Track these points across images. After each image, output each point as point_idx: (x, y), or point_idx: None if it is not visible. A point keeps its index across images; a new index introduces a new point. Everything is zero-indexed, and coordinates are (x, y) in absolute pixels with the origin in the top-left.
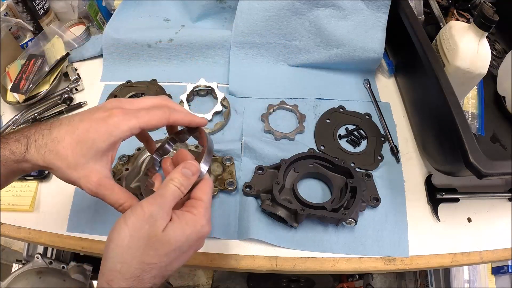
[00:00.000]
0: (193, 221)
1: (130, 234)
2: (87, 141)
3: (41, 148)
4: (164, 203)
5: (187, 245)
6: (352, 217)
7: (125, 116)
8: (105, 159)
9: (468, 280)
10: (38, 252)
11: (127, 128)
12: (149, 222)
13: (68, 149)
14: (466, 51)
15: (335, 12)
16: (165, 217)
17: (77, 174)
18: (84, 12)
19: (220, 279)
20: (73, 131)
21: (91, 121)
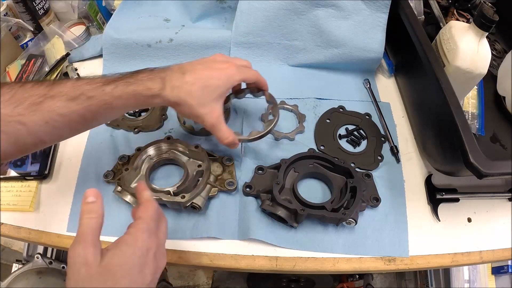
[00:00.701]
0: (130, 240)
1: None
2: (211, 86)
3: (175, 88)
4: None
5: (136, 265)
6: (352, 217)
7: (237, 70)
8: (221, 100)
9: (468, 280)
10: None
11: (238, 78)
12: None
13: (198, 91)
14: (466, 51)
15: (335, 12)
16: (92, 251)
17: (204, 110)
18: (84, 12)
19: (220, 279)
20: (200, 76)
21: (213, 70)
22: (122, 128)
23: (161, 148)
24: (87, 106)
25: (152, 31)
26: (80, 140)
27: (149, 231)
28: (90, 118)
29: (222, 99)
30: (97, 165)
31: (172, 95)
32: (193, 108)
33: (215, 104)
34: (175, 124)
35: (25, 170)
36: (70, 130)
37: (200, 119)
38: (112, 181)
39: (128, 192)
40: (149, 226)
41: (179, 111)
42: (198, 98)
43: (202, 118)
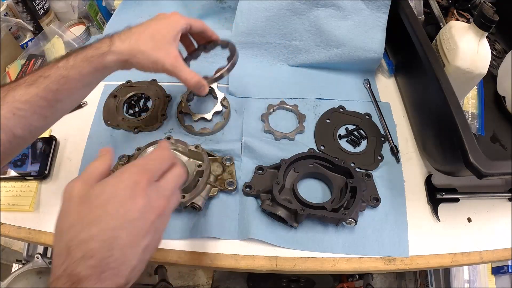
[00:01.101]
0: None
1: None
2: (160, 32)
3: (125, 39)
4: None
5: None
6: (352, 217)
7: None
8: (175, 44)
9: (468, 280)
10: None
11: (184, 22)
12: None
13: (148, 37)
14: (466, 51)
15: (335, 12)
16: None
17: (159, 53)
18: (84, 12)
19: (220, 279)
20: (149, 26)
21: (159, 19)
22: (122, 128)
23: None
24: (45, 86)
25: None
26: (80, 140)
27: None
28: (52, 98)
29: (175, 42)
30: None
31: (123, 47)
32: (148, 54)
33: (169, 46)
34: (175, 124)
35: (25, 170)
36: (38, 117)
37: (160, 63)
38: None
39: None
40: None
41: (136, 64)
42: (150, 44)
43: (161, 61)
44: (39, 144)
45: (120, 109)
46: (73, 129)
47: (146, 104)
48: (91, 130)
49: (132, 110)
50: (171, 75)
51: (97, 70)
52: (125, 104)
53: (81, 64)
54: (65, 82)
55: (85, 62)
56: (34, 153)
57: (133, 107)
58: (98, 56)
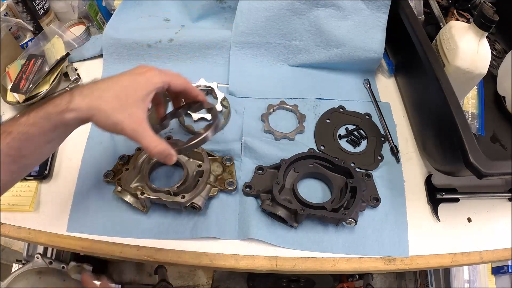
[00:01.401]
0: None
1: None
2: (128, 90)
3: (86, 96)
4: None
5: None
6: (352, 217)
7: (159, 72)
8: (143, 106)
9: (468, 280)
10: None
11: (161, 81)
12: None
13: (112, 96)
14: (466, 51)
15: (335, 12)
16: None
17: (121, 115)
18: (84, 12)
19: (220, 279)
20: (117, 82)
21: (131, 75)
22: None
23: None
24: (7, 143)
25: (152, 31)
26: (80, 140)
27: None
28: (16, 154)
29: (144, 103)
30: (97, 165)
31: (83, 104)
32: (108, 115)
33: (135, 108)
34: (175, 124)
35: None
36: (5, 172)
37: (119, 126)
38: (112, 181)
39: (128, 192)
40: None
41: (96, 122)
42: (113, 103)
43: (121, 124)
44: None
45: None
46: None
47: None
48: (91, 130)
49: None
50: (132, 140)
51: (57, 127)
52: None
53: (41, 122)
54: (27, 139)
55: (45, 120)
56: None
57: None
58: (57, 114)
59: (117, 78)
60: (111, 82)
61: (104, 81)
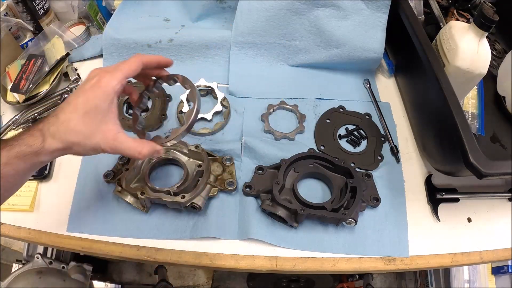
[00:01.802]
0: None
1: None
2: (91, 109)
3: (55, 134)
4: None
5: None
6: (352, 217)
7: (110, 73)
8: (111, 116)
9: (468, 280)
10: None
11: (116, 81)
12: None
13: (79, 124)
14: (466, 51)
15: (335, 12)
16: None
17: (95, 139)
18: (84, 12)
19: (220, 279)
20: (75, 107)
21: (85, 92)
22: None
23: None
24: None
25: (152, 31)
26: None
27: None
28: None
29: (110, 113)
30: (97, 165)
31: (56, 143)
32: (83, 144)
33: (104, 124)
34: (175, 124)
35: None
36: None
37: (98, 149)
38: (112, 181)
39: (128, 192)
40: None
41: (76, 154)
42: (82, 130)
43: (99, 146)
44: None
45: (120, 109)
46: None
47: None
48: None
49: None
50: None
51: (34, 165)
52: (125, 104)
53: (16, 161)
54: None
55: (20, 160)
56: None
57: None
58: (32, 155)
59: (75, 101)
60: (71, 108)
61: (64, 110)
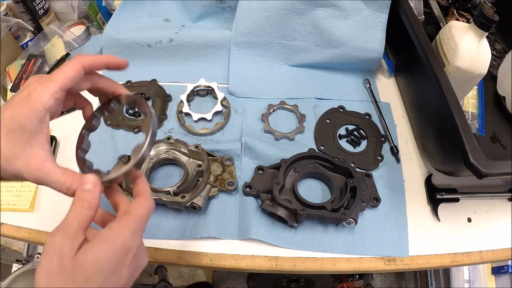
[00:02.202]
0: (110, 237)
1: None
2: (15, 128)
3: None
4: (67, 228)
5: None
6: (352, 217)
7: (42, 85)
8: (40, 139)
9: (468, 280)
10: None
11: (48, 95)
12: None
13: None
14: (466, 51)
15: (335, 12)
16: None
17: (16, 165)
18: (84, 12)
19: (220, 279)
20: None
21: (14, 105)
22: (122, 128)
23: (161, 148)
24: None
25: (152, 31)
26: None
27: (134, 231)
28: None
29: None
30: (97, 165)
31: None
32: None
33: (29, 149)
34: (175, 124)
35: None
36: None
37: (20, 176)
38: None
39: (128, 192)
40: (136, 226)
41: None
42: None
43: (21, 175)
44: None
45: (120, 109)
46: (73, 129)
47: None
48: None
49: (132, 110)
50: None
51: None
52: None
53: None
54: None
55: None
56: None
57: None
58: None
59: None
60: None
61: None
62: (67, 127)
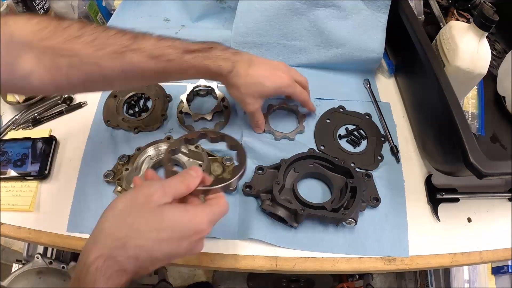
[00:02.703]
0: (193, 212)
1: (125, 202)
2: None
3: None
4: (164, 185)
5: (179, 231)
6: (352, 217)
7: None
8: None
9: (468, 280)
10: (38, 252)
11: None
12: (145, 194)
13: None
14: (466, 51)
15: (335, 12)
16: (162, 195)
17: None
18: (84, 12)
19: (220, 279)
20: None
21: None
22: (122, 128)
23: (161, 148)
24: (164, 67)
25: (152, 31)
26: (80, 140)
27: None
28: (162, 77)
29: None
30: (97, 165)
31: (233, 80)
32: (241, 95)
33: (255, 100)
34: (175, 124)
35: (25, 170)
36: (140, 81)
37: (243, 104)
38: (112, 181)
39: None
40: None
41: (230, 93)
42: (249, 89)
43: (245, 105)
44: (39, 144)
45: (120, 109)
46: (73, 129)
47: (146, 104)
48: (91, 130)
49: (132, 110)
50: None
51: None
52: (125, 104)
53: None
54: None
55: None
56: (34, 153)
57: (133, 107)
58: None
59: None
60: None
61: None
62: (67, 127)
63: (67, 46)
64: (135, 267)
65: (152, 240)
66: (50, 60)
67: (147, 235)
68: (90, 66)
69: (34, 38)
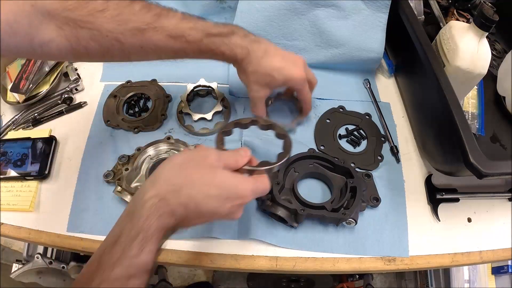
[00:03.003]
0: (241, 178)
1: (183, 157)
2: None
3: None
4: (219, 153)
5: (227, 192)
6: (352, 217)
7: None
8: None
9: (468, 280)
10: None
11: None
12: (201, 155)
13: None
14: (466, 51)
15: (335, 12)
16: (216, 159)
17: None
18: None
19: (220, 279)
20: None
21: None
22: (122, 128)
23: (161, 148)
24: (183, 47)
25: None
26: (80, 140)
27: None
28: (179, 56)
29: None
30: (97, 165)
31: (245, 66)
32: (249, 81)
33: (262, 88)
34: (175, 124)
35: (25, 170)
36: (157, 57)
37: (248, 89)
38: (112, 181)
39: (128, 192)
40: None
41: (240, 76)
42: (257, 78)
43: (249, 91)
44: (39, 144)
45: (120, 109)
46: (73, 129)
47: (146, 104)
48: (91, 130)
49: (132, 110)
50: None
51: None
52: (125, 104)
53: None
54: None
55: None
56: (34, 153)
57: (133, 107)
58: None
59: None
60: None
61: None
62: (67, 127)
63: (89, 19)
64: (182, 215)
65: (202, 194)
66: (70, 31)
67: (199, 188)
68: (110, 41)
69: (57, 8)
